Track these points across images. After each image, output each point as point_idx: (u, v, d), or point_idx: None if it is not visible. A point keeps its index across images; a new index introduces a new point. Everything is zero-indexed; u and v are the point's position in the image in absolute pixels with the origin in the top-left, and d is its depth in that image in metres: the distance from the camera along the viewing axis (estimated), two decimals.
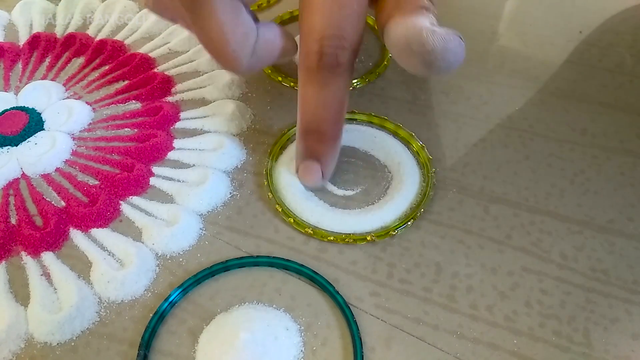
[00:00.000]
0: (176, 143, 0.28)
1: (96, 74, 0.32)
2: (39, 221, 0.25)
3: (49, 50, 0.33)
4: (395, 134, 0.27)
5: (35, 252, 0.24)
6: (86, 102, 0.30)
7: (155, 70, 0.32)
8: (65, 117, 0.29)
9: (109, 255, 0.23)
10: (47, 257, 0.23)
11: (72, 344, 0.21)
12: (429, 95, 0.29)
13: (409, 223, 0.23)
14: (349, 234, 0.23)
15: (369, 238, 0.23)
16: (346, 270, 0.22)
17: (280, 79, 0.30)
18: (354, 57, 0.22)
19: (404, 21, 0.21)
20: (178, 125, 0.28)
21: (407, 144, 0.27)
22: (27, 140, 0.28)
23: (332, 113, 0.23)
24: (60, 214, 0.25)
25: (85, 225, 0.24)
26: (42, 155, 0.27)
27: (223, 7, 0.20)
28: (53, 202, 0.25)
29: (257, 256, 0.23)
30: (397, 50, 0.21)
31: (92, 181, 0.26)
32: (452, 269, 0.22)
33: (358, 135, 0.27)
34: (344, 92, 0.22)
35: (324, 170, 0.24)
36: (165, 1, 0.23)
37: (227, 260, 0.23)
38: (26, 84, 0.31)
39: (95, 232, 0.24)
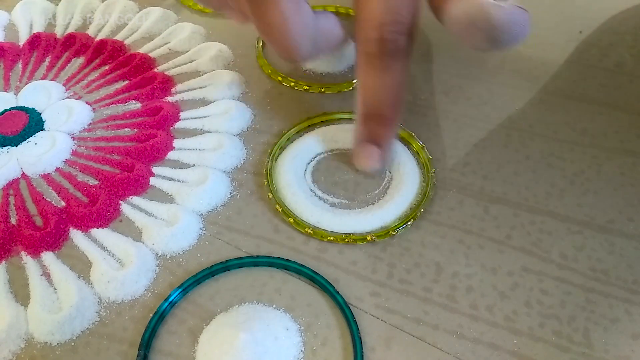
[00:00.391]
0: (176, 143, 0.27)
1: (96, 74, 0.32)
2: (39, 221, 0.25)
3: (49, 50, 0.33)
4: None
5: (35, 252, 0.24)
6: (86, 102, 0.30)
7: (155, 70, 0.32)
8: (65, 117, 0.29)
9: (109, 255, 0.23)
10: (47, 257, 0.23)
11: (72, 344, 0.21)
12: (429, 95, 0.29)
13: (409, 223, 0.23)
14: (349, 234, 0.23)
15: (369, 238, 0.23)
16: (346, 270, 0.22)
17: (280, 79, 0.30)
18: (412, 40, 0.22)
19: None
20: (178, 125, 0.28)
21: (407, 144, 0.27)
22: (27, 140, 0.28)
23: (394, 96, 0.23)
24: (60, 214, 0.25)
25: (85, 225, 0.24)
26: (42, 155, 0.27)
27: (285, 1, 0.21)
28: (53, 202, 0.25)
29: (257, 256, 0.23)
30: (460, 28, 0.21)
31: (92, 181, 0.26)
32: (452, 269, 0.22)
33: None
34: (404, 75, 0.23)
35: (384, 153, 0.24)
36: None
37: (227, 260, 0.23)
38: (26, 84, 0.31)
39: (95, 232, 0.24)
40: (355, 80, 0.29)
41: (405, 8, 0.22)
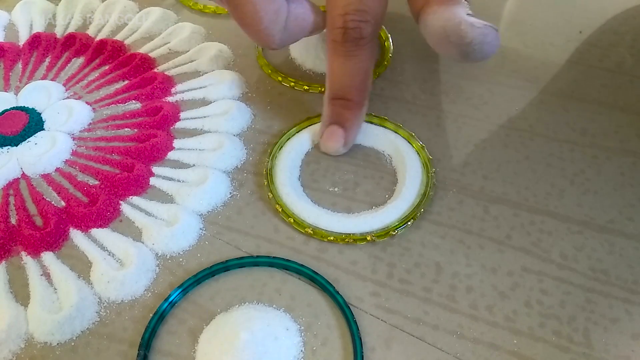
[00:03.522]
0: (176, 143, 0.27)
1: (96, 74, 0.32)
2: (39, 221, 0.25)
3: (49, 50, 0.33)
4: (395, 134, 0.27)
5: (35, 252, 0.24)
6: (86, 102, 0.30)
7: (155, 70, 0.32)
8: (65, 117, 0.29)
9: (109, 255, 0.23)
10: (47, 257, 0.23)
11: (72, 344, 0.21)
12: (429, 95, 0.29)
13: (409, 223, 0.23)
14: (349, 234, 0.23)
15: (369, 238, 0.23)
16: (346, 270, 0.22)
17: (280, 79, 0.30)
18: (377, 29, 0.23)
19: (442, 11, 0.22)
20: (178, 125, 0.28)
21: (407, 144, 0.27)
22: (27, 140, 0.28)
23: (357, 81, 0.24)
24: (60, 214, 0.25)
25: (85, 225, 0.24)
26: (42, 155, 0.27)
27: None
28: (53, 202, 0.25)
29: (257, 256, 0.23)
30: (435, 39, 0.22)
31: (92, 181, 0.26)
32: (452, 269, 0.22)
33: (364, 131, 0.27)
34: (368, 62, 0.24)
35: (347, 136, 0.25)
36: None
37: (227, 260, 0.23)
38: (26, 84, 0.31)
39: (95, 232, 0.24)
40: None
41: None
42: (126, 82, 0.31)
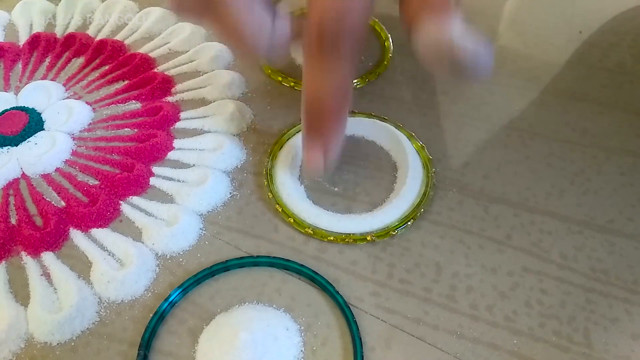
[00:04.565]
0: (176, 143, 0.28)
1: (96, 74, 0.32)
2: (39, 221, 0.25)
3: (49, 50, 0.33)
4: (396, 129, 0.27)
5: (35, 252, 0.24)
6: (86, 102, 0.30)
7: (155, 70, 0.32)
8: (65, 117, 0.29)
9: (109, 255, 0.23)
10: (47, 257, 0.23)
11: (72, 344, 0.21)
12: (429, 95, 0.29)
13: (409, 223, 0.23)
14: (349, 234, 0.23)
15: (369, 238, 0.23)
16: (346, 270, 0.22)
17: (280, 79, 0.30)
18: (354, 44, 0.22)
19: (435, 25, 0.21)
20: (178, 125, 0.28)
21: None
22: (27, 140, 0.28)
23: (333, 96, 0.23)
24: (60, 214, 0.25)
25: (85, 225, 0.24)
26: (42, 155, 0.27)
27: (236, 4, 0.21)
28: (53, 202, 0.25)
29: (257, 256, 0.23)
30: (427, 54, 0.21)
31: (92, 181, 0.26)
32: (452, 269, 0.22)
33: (367, 126, 0.27)
34: (344, 77, 0.22)
35: (326, 154, 0.23)
36: (186, 2, 0.24)
37: (227, 260, 0.23)
38: (26, 84, 0.31)
39: (95, 232, 0.24)
40: (355, 81, 0.29)
41: (348, 9, 0.21)
42: (126, 82, 0.31)
